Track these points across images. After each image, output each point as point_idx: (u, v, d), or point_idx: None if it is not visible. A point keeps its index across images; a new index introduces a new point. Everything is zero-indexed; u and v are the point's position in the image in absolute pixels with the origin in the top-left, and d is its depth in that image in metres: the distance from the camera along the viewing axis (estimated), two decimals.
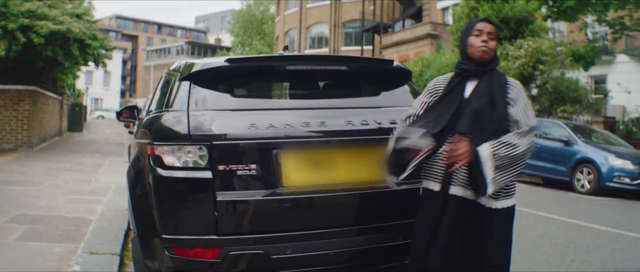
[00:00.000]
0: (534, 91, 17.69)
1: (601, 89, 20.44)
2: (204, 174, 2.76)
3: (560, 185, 11.64)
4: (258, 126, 2.85)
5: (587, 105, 17.76)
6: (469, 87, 2.68)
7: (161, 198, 2.83)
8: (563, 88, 17.21)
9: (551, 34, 21.93)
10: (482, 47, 2.63)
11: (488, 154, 2.43)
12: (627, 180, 10.48)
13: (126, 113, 5.06)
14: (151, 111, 3.78)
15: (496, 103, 2.57)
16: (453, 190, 2.58)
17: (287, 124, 2.91)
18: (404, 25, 34.29)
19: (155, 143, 2.86)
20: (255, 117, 2.91)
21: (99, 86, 59.45)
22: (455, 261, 2.57)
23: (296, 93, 3.43)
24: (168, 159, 2.79)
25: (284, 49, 3.97)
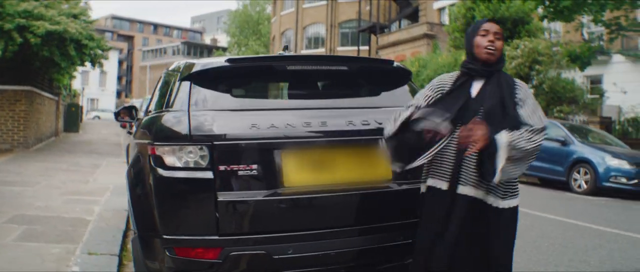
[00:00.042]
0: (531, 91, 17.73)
1: (597, 89, 20.50)
2: (205, 175, 2.76)
3: (557, 185, 11.66)
4: (259, 126, 2.85)
5: (583, 105, 17.84)
6: (476, 86, 2.67)
7: (162, 198, 2.83)
8: (559, 88, 17.28)
9: (547, 34, 21.99)
10: (489, 47, 2.62)
11: (506, 142, 2.41)
12: (624, 180, 10.51)
13: (124, 113, 5.08)
14: (150, 111, 3.77)
15: (506, 104, 2.57)
16: (463, 190, 2.57)
17: (288, 124, 2.90)
18: (401, 25, 34.34)
19: (156, 143, 2.85)
20: (256, 117, 2.91)
21: (95, 86, 59.33)
22: (462, 261, 2.56)
23: (297, 93, 3.43)
24: (169, 160, 2.79)
25: (284, 49, 3.97)
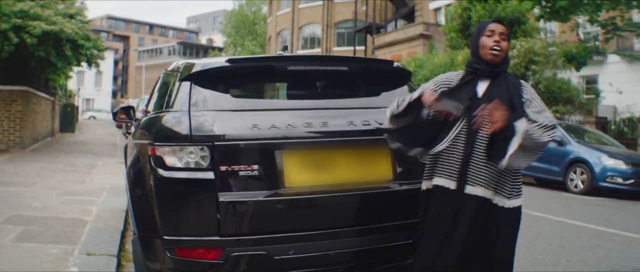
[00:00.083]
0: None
1: (593, 89, 20.56)
2: (206, 175, 2.75)
3: (553, 185, 11.67)
4: (260, 127, 2.85)
5: (579, 105, 17.87)
6: (481, 86, 2.68)
7: (162, 199, 2.82)
8: (555, 88, 17.30)
9: (543, 35, 22.03)
10: (495, 48, 2.63)
11: (523, 130, 2.43)
12: (620, 180, 10.54)
13: (122, 114, 5.08)
14: (148, 112, 3.76)
15: (515, 104, 2.57)
16: (472, 190, 2.57)
17: (289, 125, 2.90)
18: (397, 25, 34.33)
19: (156, 144, 2.84)
20: (256, 117, 2.90)
21: (91, 87, 59.19)
22: (467, 261, 2.56)
23: (297, 93, 3.43)
24: (169, 160, 2.78)
25: (284, 49, 3.97)
